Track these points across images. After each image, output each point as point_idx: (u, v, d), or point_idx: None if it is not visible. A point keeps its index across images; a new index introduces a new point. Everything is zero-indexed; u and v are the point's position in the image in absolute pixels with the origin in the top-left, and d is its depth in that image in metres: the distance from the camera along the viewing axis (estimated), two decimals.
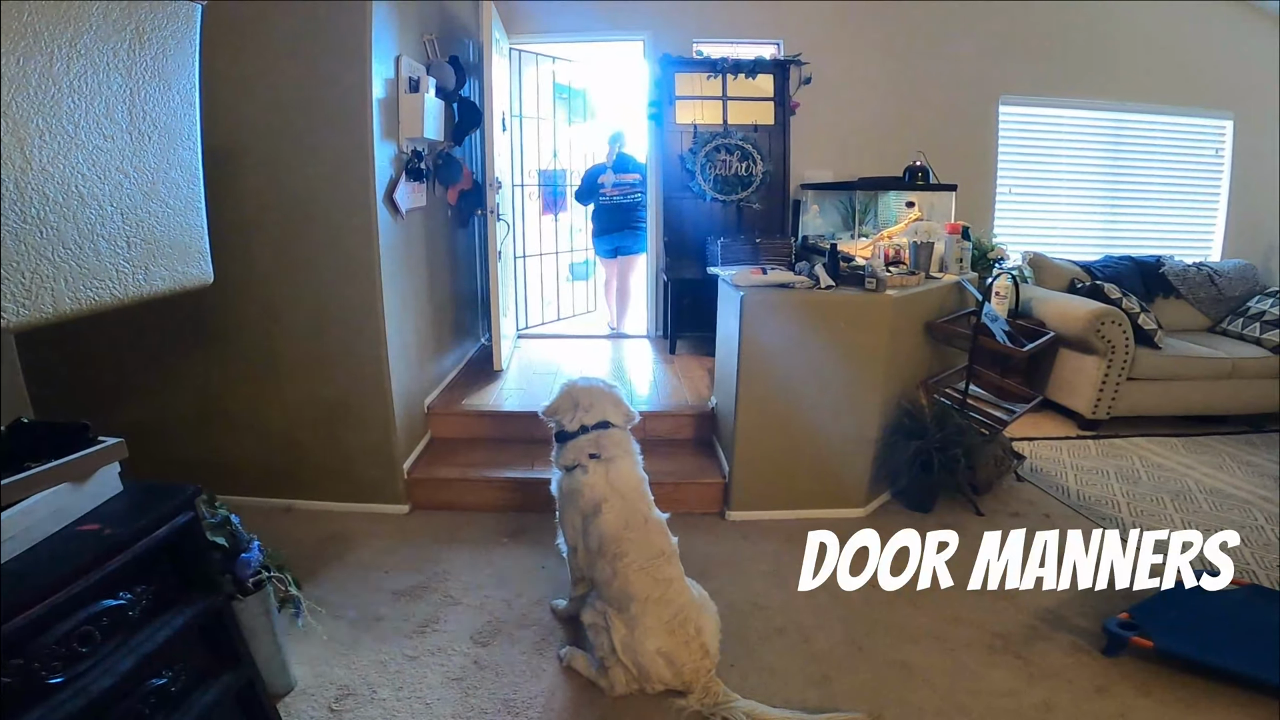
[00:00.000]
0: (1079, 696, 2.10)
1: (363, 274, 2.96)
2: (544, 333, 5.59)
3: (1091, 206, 5.58)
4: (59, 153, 1.13)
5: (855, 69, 5.03)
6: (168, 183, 1.37)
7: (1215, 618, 2.34)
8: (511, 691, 2.12)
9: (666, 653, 2.03)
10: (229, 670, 1.57)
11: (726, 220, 5.05)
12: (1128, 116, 5.39)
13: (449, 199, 4.03)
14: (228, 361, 3.07)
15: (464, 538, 3.00)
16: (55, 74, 1.12)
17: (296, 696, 2.08)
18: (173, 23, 1.36)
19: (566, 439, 2.27)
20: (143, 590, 1.34)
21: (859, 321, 3.01)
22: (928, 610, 2.51)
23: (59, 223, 1.13)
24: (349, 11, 2.77)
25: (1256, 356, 4.36)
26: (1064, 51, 5.15)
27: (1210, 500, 3.40)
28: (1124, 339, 4.10)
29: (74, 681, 1.18)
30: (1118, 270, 4.87)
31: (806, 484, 3.18)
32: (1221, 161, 5.54)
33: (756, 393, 3.06)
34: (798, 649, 2.32)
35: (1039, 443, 4.11)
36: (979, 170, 5.21)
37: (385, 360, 3.05)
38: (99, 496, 1.38)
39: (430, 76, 3.50)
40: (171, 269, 1.39)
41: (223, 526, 1.95)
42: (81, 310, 1.18)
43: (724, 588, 2.64)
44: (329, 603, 2.53)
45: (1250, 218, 5.55)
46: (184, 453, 3.11)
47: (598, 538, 2.13)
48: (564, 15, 4.95)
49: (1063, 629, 2.41)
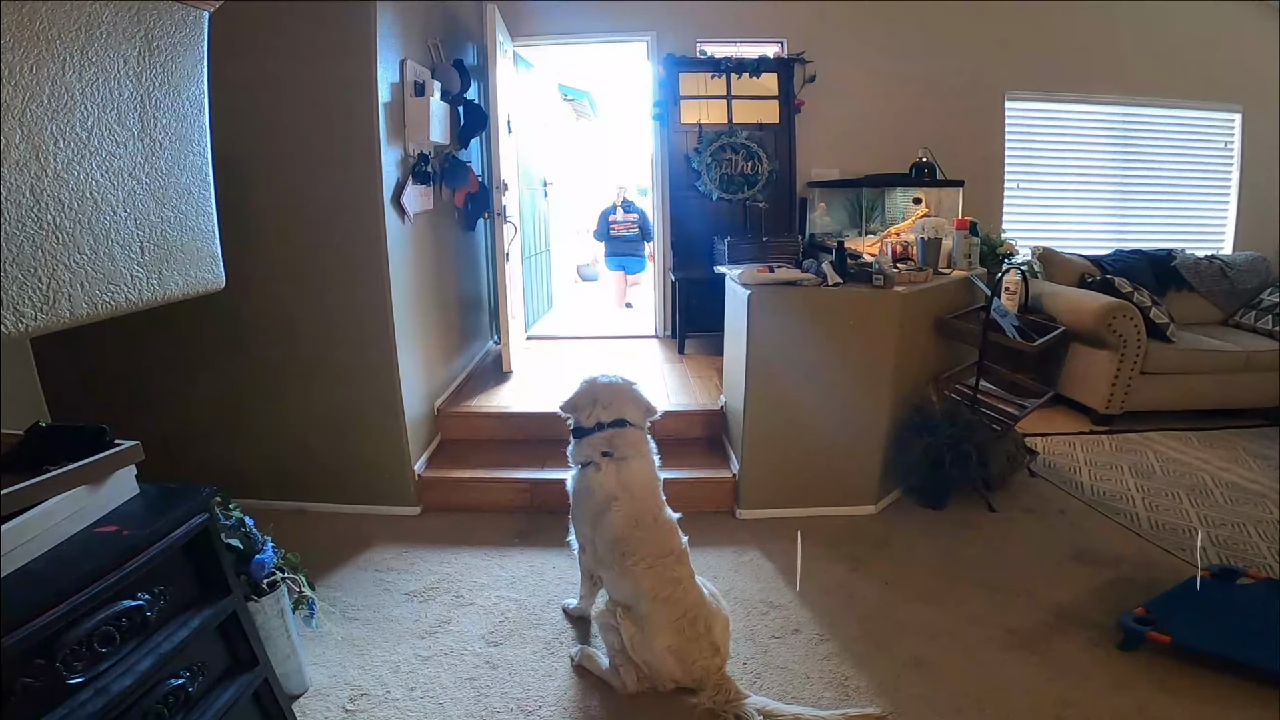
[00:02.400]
0: (1097, 692, 2.08)
1: (372, 276, 2.98)
2: (554, 334, 5.61)
3: (1101, 200, 5.54)
4: (73, 159, 1.14)
5: (860, 66, 5.01)
6: (179, 188, 1.39)
7: (1232, 612, 2.33)
8: (524, 691, 2.12)
9: (676, 650, 2.03)
10: (245, 671, 1.58)
11: (733, 219, 5.04)
12: (1136, 110, 5.34)
13: (456, 202, 4.04)
14: (239, 366, 3.10)
15: (475, 539, 3.01)
16: (68, 81, 1.13)
17: (311, 697, 2.10)
18: (181, 29, 1.37)
19: (583, 435, 2.27)
20: (160, 591, 1.35)
21: (867, 319, 3.01)
22: (944, 607, 2.51)
23: (74, 228, 1.14)
24: (355, 16, 2.79)
25: (1270, 349, 4.32)
26: (1070, 47, 5.12)
27: (1225, 494, 3.37)
28: (1136, 333, 4.07)
29: (94, 681, 1.19)
30: (1129, 264, 4.84)
31: (817, 482, 3.17)
32: (1231, 154, 5.50)
33: (765, 391, 3.06)
34: (812, 648, 2.31)
35: (1052, 438, 4.09)
36: (987, 166, 5.18)
37: (395, 363, 3.07)
38: (116, 499, 1.40)
39: (435, 80, 3.51)
40: (184, 273, 1.40)
41: (237, 529, 1.97)
42: (97, 315, 1.19)
43: (736, 587, 2.65)
44: (342, 604, 2.55)
45: (1262, 210, 5.50)
46: (197, 457, 3.14)
47: (607, 536, 2.14)
48: (567, 17, 4.96)
49: (1079, 625, 2.39)
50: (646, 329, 5.58)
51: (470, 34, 4.42)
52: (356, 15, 2.79)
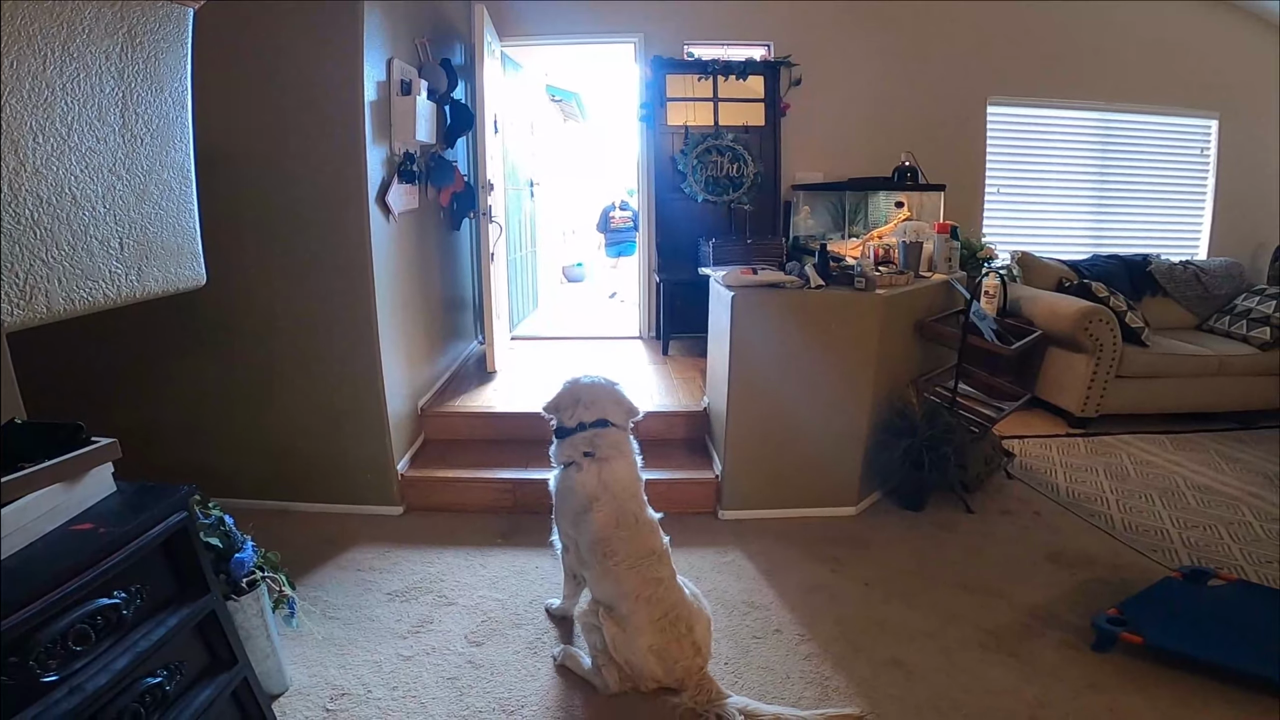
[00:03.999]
0: (1071, 692, 2.11)
1: (355, 276, 2.96)
2: (539, 334, 5.60)
3: (1079, 206, 5.62)
4: (52, 154, 1.13)
5: (845, 70, 5.06)
6: (160, 184, 1.38)
7: (1204, 613, 2.37)
8: (506, 691, 2.12)
9: (658, 650, 2.04)
10: (224, 670, 1.58)
11: (718, 221, 5.06)
12: (1115, 116, 5.43)
13: (441, 201, 4.03)
14: (220, 364, 3.07)
15: (458, 539, 3.01)
16: (48, 76, 1.12)
17: (291, 697, 2.09)
18: (165, 25, 1.36)
19: (565, 435, 2.27)
20: (137, 590, 1.34)
21: (849, 321, 3.03)
22: (922, 608, 2.54)
23: (52, 224, 1.14)
24: (342, 14, 2.78)
25: (1243, 354, 4.41)
26: (1052, 52, 5.19)
27: (1198, 497, 3.43)
28: (1112, 337, 4.14)
29: (69, 679, 1.18)
30: (1105, 269, 4.92)
31: (798, 483, 3.19)
32: (1207, 161, 5.60)
33: (748, 392, 3.08)
34: (793, 648, 2.33)
35: (1028, 441, 4.14)
36: (968, 170, 5.25)
37: (379, 362, 3.05)
38: (93, 497, 1.39)
39: (422, 79, 3.51)
40: (164, 270, 1.40)
41: (216, 527, 1.96)
42: (75, 311, 1.19)
43: (717, 587, 2.66)
44: (324, 603, 2.54)
45: (1236, 216, 5.60)
46: (178, 455, 3.11)
47: (589, 536, 2.14)
48: (555, 18, 4.96)
49: (1054, 625, 2.43)
50: (631, 330, 5.60)
51: (458, 33, 4.41)
52: (343, 13, 2.78)
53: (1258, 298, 4.73)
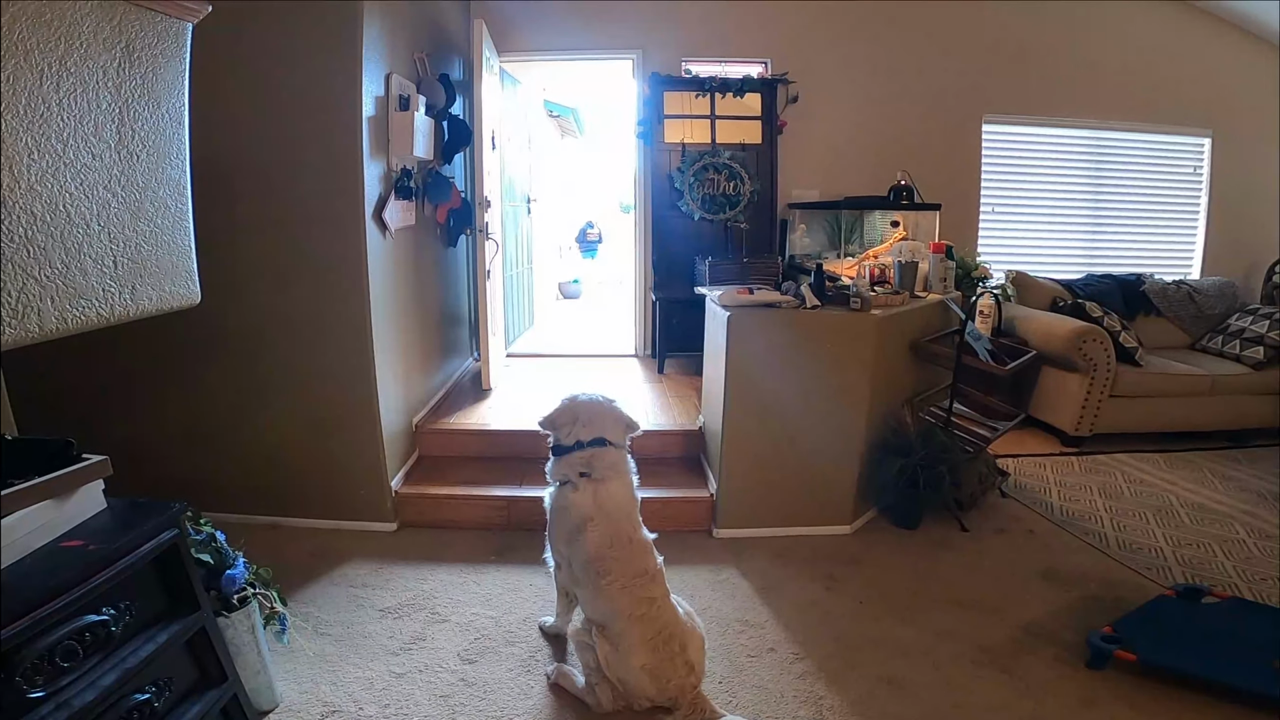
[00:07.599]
0: (1066, 710, 2.11)
1: (351, 292, 2.97)
2: (534, 351, 5.60)
3: (1073, 225, 5.66)
4: (47, 171, 1.13)
5: (841, 88, 5.11)
6: (155, 201, 1.38)
7: (1198, 630, 2.37)
8: (499, 709, 2.11)
9: (651, 669, 2.02)
10: (213, 686, 1.56)
11: (715, 239, 5.08)
12: (1108, 135, 5.48)
13: (438, 218, 4.04)
14: (215, 379, 3.06)
15: (451, 556, 2.99)
16: (44, 92, 1.12)
17: (282, 713, 2.07)
18: (163, 41, 1.37)
19: (562, 453, 2.26)
20: (126, 606, 1.34)
21: (844, 341, 3.04)
22: (916, 626, 2.53)
23: (46, 242, 1.13)
24: (341, 29, 2.80)
25: (1236, 373, 4.43)
26: (1046, 72, 5.25)
27: (1192, 515, 3.43)
28: (1106, 356, 4.15)
29: (55, 695, 1.17)
30: (1099, 288, 4.94)
31: (793, 501, 3.19)
32: (1200, 179, 5.64)
33: (743, 411, 3.08)
34: (787, 666, 2.32)
35: (1023, 459, 4.14)
36: (963, 189, 5.28)
37: (373, 378, 3.05)
38: (83, 513, 1.38)
39: (420, 94, 3.53)
40: (158, 289, 1.39)
41: (208, 543, 1.95)
42: (68, 330, 1.18)
43: (712, 605, 2.65)
44: (315, 620, 2.52)
45: (1229, 235, 5.64)
46: (170, 470, 3.09)
47: (582, 556, 2.13)
48: (554, 34, 5.00)
49: (1048, 643, 2.42)
50: (627, 348, 5.60)
51: (457, 49, 4.44)
52: (342, 28, 2.80)
53: (1251, 317, 4.76)
